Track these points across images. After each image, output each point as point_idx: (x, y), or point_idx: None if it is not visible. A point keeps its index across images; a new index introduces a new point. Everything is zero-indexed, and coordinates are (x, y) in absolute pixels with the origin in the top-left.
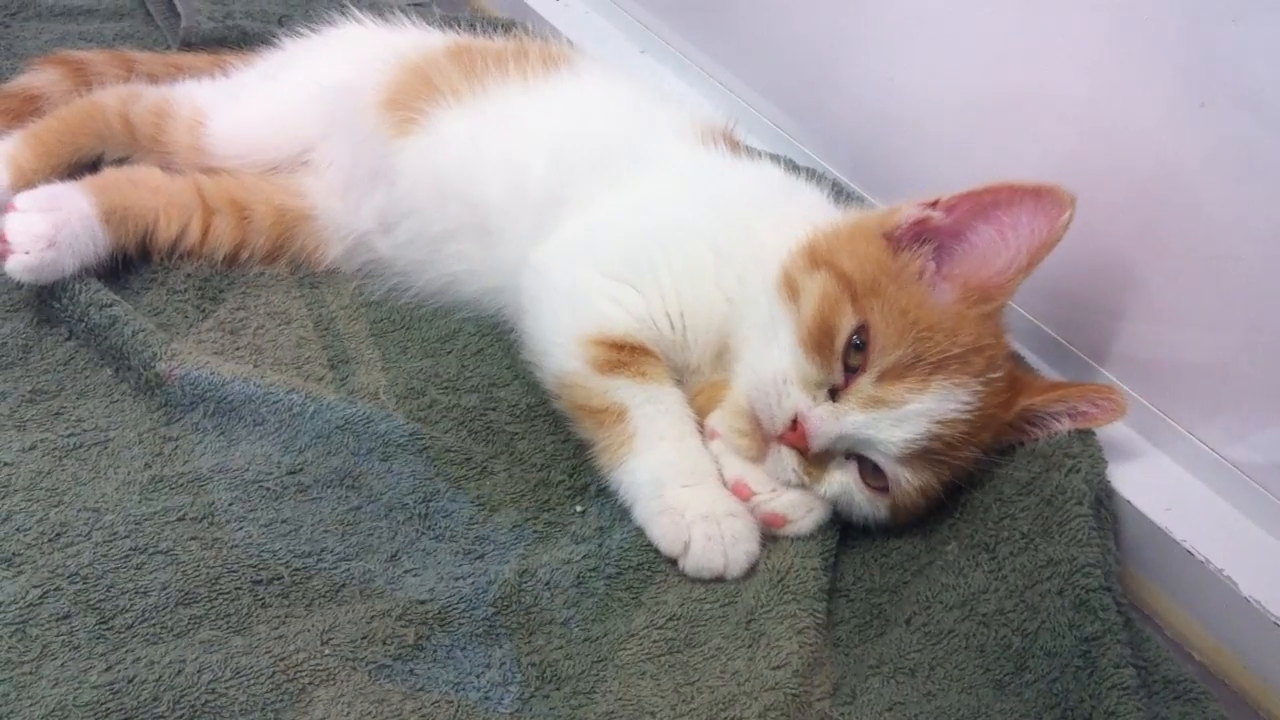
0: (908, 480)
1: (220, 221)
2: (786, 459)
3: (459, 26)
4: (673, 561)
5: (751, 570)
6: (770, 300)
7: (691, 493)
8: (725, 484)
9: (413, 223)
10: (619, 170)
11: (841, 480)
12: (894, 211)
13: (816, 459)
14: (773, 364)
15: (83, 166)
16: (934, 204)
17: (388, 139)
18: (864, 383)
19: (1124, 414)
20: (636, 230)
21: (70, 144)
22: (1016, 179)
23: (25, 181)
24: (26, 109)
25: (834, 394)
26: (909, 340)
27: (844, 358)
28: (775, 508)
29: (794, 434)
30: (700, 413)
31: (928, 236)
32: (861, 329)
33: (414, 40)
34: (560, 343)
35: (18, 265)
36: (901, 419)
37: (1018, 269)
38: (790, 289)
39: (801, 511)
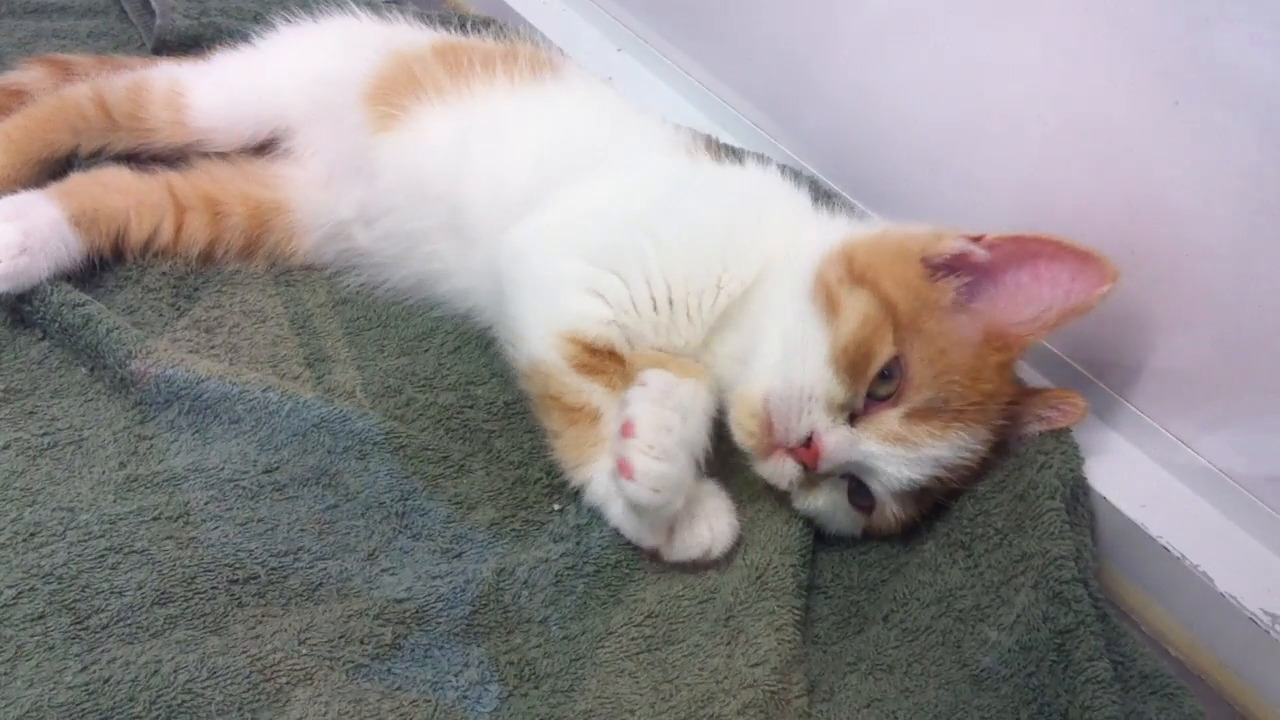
0: (894, 512)
1: (193, 219)
2: (789, 469)
3: (434, 23)
4: (654, 556)
5: (734, 550)
6: (801, 306)
7: None
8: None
9: (391, 219)
10: (601, 173)
11: (830, 498)
12: (937, 238)
13: (816, 475)
14: (800, 376)
15: (54, 169)
16: (978, 239)
17: (370, 133)
18: (890, 417)
19: (1084, 416)
20: (624, 215)
21: (41, 139)
22: (1067, 238)
23: None
24: (11, 104)
25: (852, 418)
26: (941, 383)
27: (871, 385)
28: (637, 464)
29: (806, 451)
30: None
31: (963, 269)
32: (896, 360)
33: (404, 35)
34: (538, 333)
35: None
36: (915, 460)
37: (1044, 325)
38: (829, 301)
39: (659, 489)
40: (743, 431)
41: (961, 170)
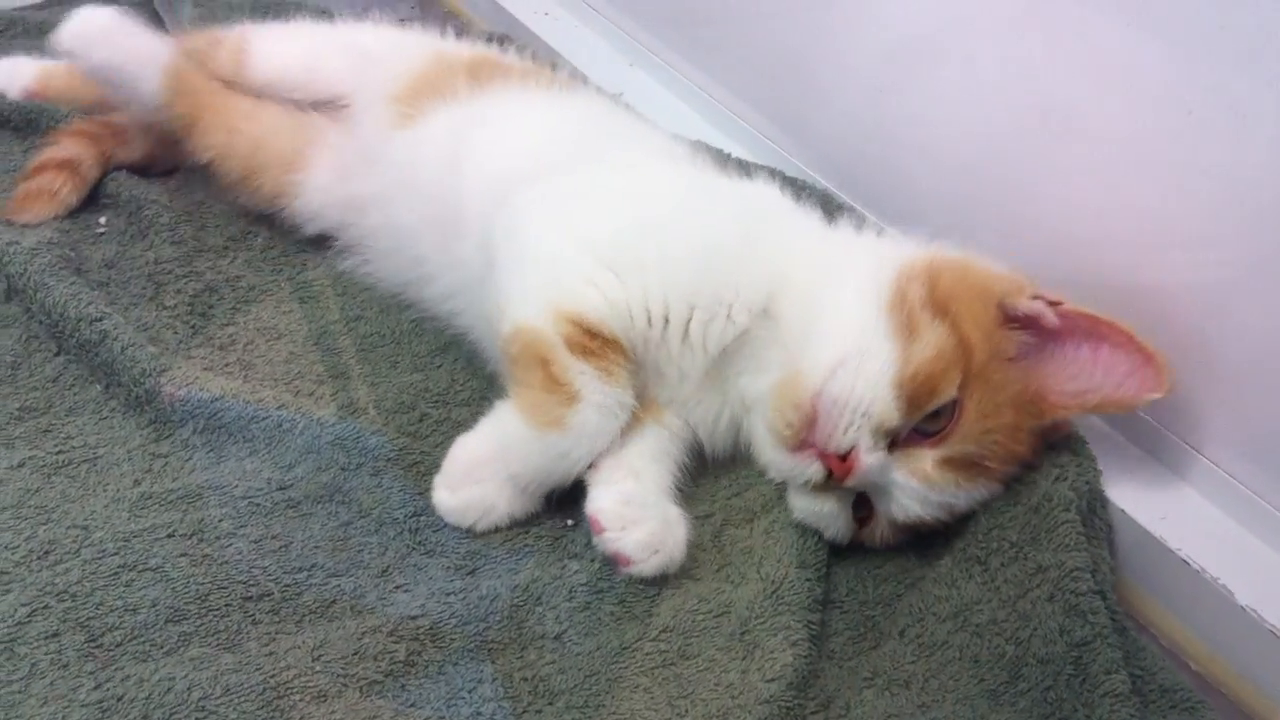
0: (884, 533)
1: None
2: (814, 472)
3: (446, 39)
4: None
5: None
6: (872, 313)
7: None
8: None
9: (383, 211)
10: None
11: (837, 506)
12: (1019, 289)
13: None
14: (863, 391)
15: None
16: (1055, 304)
17: (385, 129)
18: (927, 456)
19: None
20: (633, 219)
21: None
22: (1138, 333)
23: None
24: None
25: (891, 444)
26: (986, 440)
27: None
28: (620, 548)
29: (841, 464)
30: None
31: (1029, 328)
32: (953, 404)
33: (446, 45)
34: (535, 301)
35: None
36: (931, 502)
37: (1081, 405)
38: (908, 321)
39: (647, 553)
40: (781, 419)
41: (974, 185)
